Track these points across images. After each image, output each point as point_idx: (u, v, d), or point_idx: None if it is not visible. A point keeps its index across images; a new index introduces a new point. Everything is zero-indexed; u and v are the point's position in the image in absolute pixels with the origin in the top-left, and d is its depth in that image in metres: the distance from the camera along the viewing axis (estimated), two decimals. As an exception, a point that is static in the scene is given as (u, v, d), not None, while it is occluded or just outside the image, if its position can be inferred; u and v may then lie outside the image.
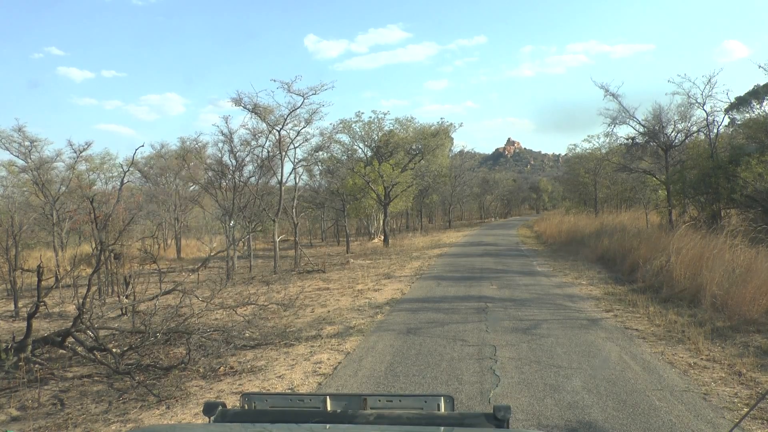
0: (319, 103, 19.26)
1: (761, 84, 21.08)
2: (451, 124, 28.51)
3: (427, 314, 9.03)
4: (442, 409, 1.84)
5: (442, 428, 1.72)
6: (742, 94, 21.54)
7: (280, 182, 20.09)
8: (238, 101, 18.53)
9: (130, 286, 10.58)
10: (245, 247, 24.03)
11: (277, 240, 20.02)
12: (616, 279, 12.41)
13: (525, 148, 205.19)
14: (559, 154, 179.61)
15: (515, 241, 27.81)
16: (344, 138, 33.35)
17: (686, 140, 21.32)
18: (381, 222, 37.73)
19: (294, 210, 22.79)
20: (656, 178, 22.65)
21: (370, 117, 28.17)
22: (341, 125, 27.71)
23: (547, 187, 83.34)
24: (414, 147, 29.30)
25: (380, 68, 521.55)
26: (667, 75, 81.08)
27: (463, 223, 57.49)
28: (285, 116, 19.07)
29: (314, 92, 18.66)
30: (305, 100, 18.67)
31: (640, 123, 21.64)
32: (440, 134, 28.24)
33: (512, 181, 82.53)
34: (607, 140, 22.52)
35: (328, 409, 1.86)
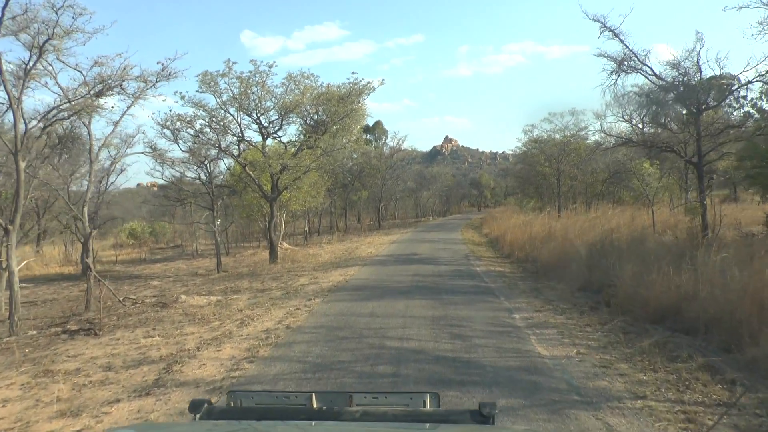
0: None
1: None
2: (368, 83, 19.19)
3: None
4: (428, 406, 1.75)
5: (428, 425, 1.63)
6: None
7: (15, 153, 10.11)
8: None
9: None
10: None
11: (16, 270, 10.12)
12: None
13: (463, 146, 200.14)
14: (497, 152, 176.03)
15: (463, 252, 18.95)
16: (210, 100, 23.60)
17: (737, 90, 13.22)
18: (281, 223, 28.11)
19: (85, 211, 12.93)
20: (681, 156, 14.38)
21: (249, 71, 18.46)
22: (201, 79, 17.89)
23: (488, 183, 76.09)
24: (315, 116, 19.83)
25: (317, 66, 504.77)
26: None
27: (396, 223, 48.50)
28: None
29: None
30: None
31: (656, 74, 13.34)
32: (352, 97, 18.87)
33: (451, 176, 74.47)
34: (611, 94, 13.87)
35: (314, 406, 1.76)
